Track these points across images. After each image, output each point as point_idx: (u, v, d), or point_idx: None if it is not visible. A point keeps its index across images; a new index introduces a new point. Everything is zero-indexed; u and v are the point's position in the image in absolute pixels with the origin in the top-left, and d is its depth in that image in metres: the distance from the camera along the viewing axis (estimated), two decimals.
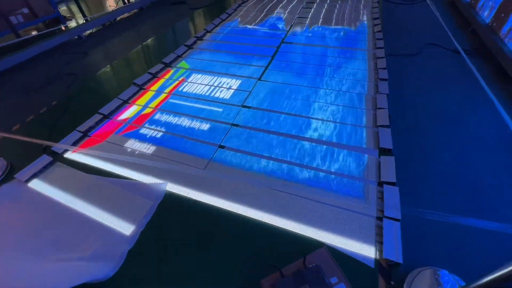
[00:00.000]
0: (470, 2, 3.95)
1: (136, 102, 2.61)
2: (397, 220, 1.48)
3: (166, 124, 2.32)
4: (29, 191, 1.83)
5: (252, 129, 2.21)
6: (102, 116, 2.41)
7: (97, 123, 2.35)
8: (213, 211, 1.64)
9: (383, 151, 1.93)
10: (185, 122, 2.33)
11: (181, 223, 1.60)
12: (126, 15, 4.92)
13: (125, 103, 2.60)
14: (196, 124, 2.30)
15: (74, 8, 5.49)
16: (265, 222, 1.56)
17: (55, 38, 3.73)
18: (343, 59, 3.09)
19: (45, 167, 1.98)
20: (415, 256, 1.35)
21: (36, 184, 1.88)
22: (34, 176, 1.92)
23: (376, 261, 1.36)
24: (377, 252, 1.39)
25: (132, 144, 2.14)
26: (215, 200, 1.69)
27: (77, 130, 2.26)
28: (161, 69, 3.11)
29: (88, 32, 4.26)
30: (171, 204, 1.70)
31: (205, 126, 2.27)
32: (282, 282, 1.20)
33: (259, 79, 2.83)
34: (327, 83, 2.70)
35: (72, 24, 4.83)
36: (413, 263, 1.32)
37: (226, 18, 4.49)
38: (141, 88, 2.81)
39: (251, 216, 1.60)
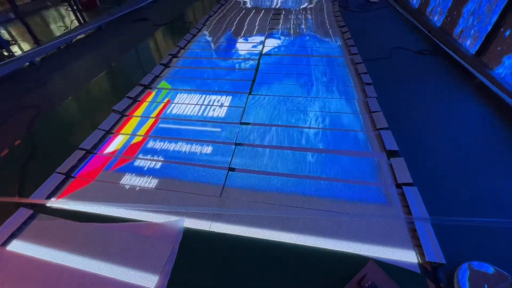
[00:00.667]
0: (418, 8, 4.44)
1: (121, 131, 2.35)
2: (426, 219, 1.52)
3: (163, 152, 2.12)
4: (9, 256, 1.49)
5: (257, 146, 2.13)
6: (84, 151, 2.11)
7: (80, 161, 2.05)
8: (243, 241, 1.52)
9: (391, 153, 2.00)
10: (184, 147, 2.16)
11: (210, 262, 1.44)
12: (82, 36, 4.49)
13: (109, 134, 2.32)
14: (197, 148, 2.14)
15: (16, 31, 4.85)
16: (299, 245, 1.49)
17: (3, 66, 3.22)
18: (326, 67, 3.20)
19: (25, 223, 1.65)
20: (449, 253, 1.39)
21: (17, 246, 1.54)
22: (12, 236, 1.58)
23: (420, 265, 1.37)
24: (418, 256, 1.40)
25: (129, 180, 1.90)
26: (242, 230, 1.57)
27: (57, 172, 1.94)
28: (141, 92, 2.87)
29: (41, 57, 3.77)
30: (193, 242, 1.52)
31: (208, 149, 2.12)
32: None
33: (250, 93, 2.78)
34: (317, 91, 2.75)
35: (16, 49, 4.24)
36: (451, 260, 1.36)
37: (197, 33, 4.37)
38: (123, 115, 2.54)
39: (283, 241, 1.51)
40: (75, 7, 4.76)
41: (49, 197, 1.80)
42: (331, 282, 1.31)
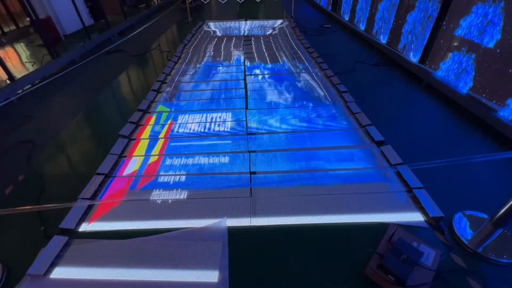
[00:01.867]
0: (365, 30, 5.34)
1: (134, 154, 2.41)
2: (421, 188, 1.91)
3: (183, 167, 2.24)
4: (55, 284, 1.46)
5: (269, 151, 2.39)
6: (103, 176, 2.13)
7: (100, 185, 2.06)
8: (282, 230, 1.71)
9: (379, 143, 2.42)
10: (202, 160, 2.31)
11: (260, 251, 1.60)
12: (56, 69, 4.38)
13: (121, 158, 2.36)
14: (214, 160, 2.31)
15: None
16: (330, 223, 1.74)
17: None
18: (307, 80, 3.67)
19: (62, 250, 1.62)
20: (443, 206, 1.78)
21: (61, 273, 1.51)
22: (53, 265, 1.55)
23: (426, 222, 1.72)
24: (423, 216, 1.76)
25: (159, 195, 1.98)
26: (277, 220, 1.77)
27: (81, 198, 1.93)
28: (141, 117, 2.96)
29: (16, 93, 3.59)
30: (239, 239, 1.67)
31: (225, 159, 2.31)
32: (386, 259, 1.40)
33: (246, 108, 3.06)
34: (308, 102, 3.16)
35: None
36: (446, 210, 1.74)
37: (178, 60, 4.60)
38: (130, 139, 2.60)
39: (314, 222, 1.75)
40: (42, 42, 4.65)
41: (79, 223, 1.79)
42: (364, 247, 1.57)
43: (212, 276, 1.46)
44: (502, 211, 1.57)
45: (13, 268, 1.55)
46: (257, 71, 4.08)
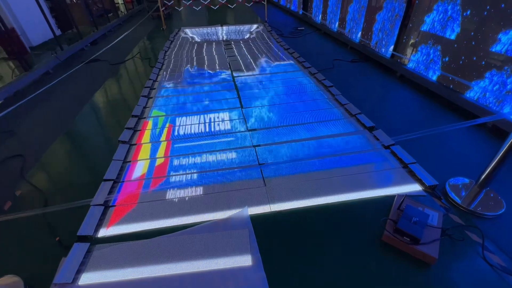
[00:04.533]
0: (338, 31, 5.72)
1: (138, 158, 2.39)
2: (414, 163, 2.15)
3: (193, 166, 2.27)
4: None
5: (272, 144, 2.50)
6: (111, 181, 2.09)
7: (110, 191, 2.02)
8: (299, 212, 1.83)
9: (370, 128, 2.65)
10: (210, 158, 2.36)
11: (282, 233, 1.69)
12: (28, 83, 4.12)
13: (126, 163, 2.33)
14: (222, 156, 2.37)
15: None
16: (341, 201, 1.89)
17: None
18: (292, 80, 3.86)
19: (85, 257, 1.58)
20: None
21: (90, 278, 1.48)
22: (79, 272, 1.50)
23: (424, 191, 1.94)
24: (421, 186, 1.98)
25: (175, 194, 1.99)
26: (294, 204, 1.88)
27: (94, 205, 1.88)
28: (137, 123, 2.92)
29: None
30: (260, 224, 1.75)
31: (232, 155, 2.38)
32: (400, 222, 1.57)
33: (242, 107, 3.16)
34: (298, 97, 3.33)
35: None
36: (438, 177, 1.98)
37: (162, 66, 4.57)
38: (131, 144, 2.56)
39: (327, 202, 1.89)
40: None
41: (96, 229, 1.75)
42: (376, 218, 1.74)
43: (246, 260, 1.52)
44: (484, 175, 1.84)
45: (32, 283, 1.48)
46: (244, 72, 4.20)
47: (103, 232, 1.73)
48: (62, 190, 2.12)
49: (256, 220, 1.77)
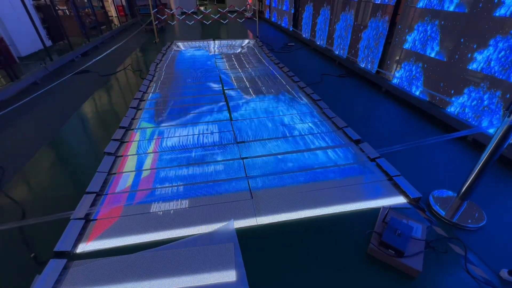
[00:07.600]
0: (326, 47, 5.93)
1: (124, 170, 2.34)
2: (399, 175, 2.19)
3: (179, 178, 2.24)
4: None
5: (259, 156, 2.51)
6: (94, 194, 2.03)
7: (93, 204, 1.96)
8: (286, 225, 1.81)
9: (357, 141, 2.70)
10: (197, 170, 2.34)
11: (267, 247, 1.67)
12: (14, 93, 4.04)
13: (111, 175, 2.28)
14: (209, 169, 2.35)
15: None
16: (327, 214, 1.90)
17: None
18: (281, 92, 3.93)
19: (62, 274, 1.51)
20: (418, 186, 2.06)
21: None
22: None
23: (409, 203, 1.97)
24: (405, 198, 2.01)
25: (159, 207, 1.95)
26: (281, 217, 1.87)
27: (74, 219, 1.82)
28: (124, 134, 2.88)
29: None
30: (246, 238, 1.73)
31: (220, 167, 2.37)
32: (385, 235, 1.58)
33: (231, 119, 3.18)
34: (287, 110, 3.39)
35: None
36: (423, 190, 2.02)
37: (152, 78, 4.59)
38: (117, 156, 2.52)
39: (314, 215, 1.89)
40: None
41: (75, 244, 1.68)
42: (362, 230, 1.74)
43: (230, 276, 1.49)
44: (465, 187, 1.88)
45: None
46: (234, 85, 4.25)
47: (82, 247, 1.66)
48: (42, 202, 2.04)
49: (242, 233, 1.75)
